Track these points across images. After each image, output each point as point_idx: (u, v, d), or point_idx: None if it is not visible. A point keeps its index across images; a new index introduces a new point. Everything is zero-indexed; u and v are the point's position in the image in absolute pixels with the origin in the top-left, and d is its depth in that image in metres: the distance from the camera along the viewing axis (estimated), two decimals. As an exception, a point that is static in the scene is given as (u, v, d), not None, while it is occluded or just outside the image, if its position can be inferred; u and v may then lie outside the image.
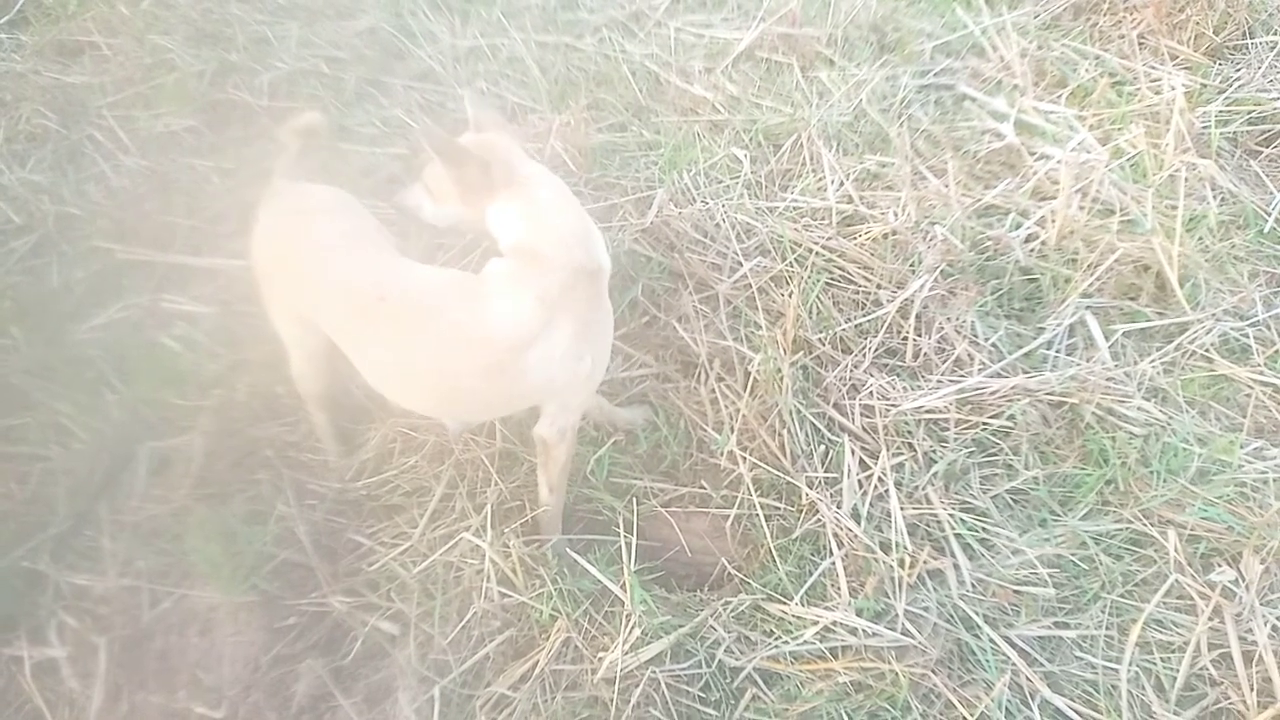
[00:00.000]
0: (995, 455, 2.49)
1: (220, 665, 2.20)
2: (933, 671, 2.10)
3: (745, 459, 2.46)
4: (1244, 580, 2.21)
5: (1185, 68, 3.54)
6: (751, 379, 2.58)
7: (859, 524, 2.32)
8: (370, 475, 2.51)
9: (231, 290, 2.82)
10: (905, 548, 2.28)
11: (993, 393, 2.53)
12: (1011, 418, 2.49)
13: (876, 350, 2.66)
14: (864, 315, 2.74)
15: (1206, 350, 2.69)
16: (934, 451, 2.47)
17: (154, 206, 3.17)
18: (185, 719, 2.14)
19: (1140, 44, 3.61)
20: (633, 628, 2.14)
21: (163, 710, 2.15)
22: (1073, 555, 2.31)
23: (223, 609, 2.28)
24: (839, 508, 2.35)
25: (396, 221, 2.94)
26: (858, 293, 2.81)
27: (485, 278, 2.02)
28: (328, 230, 2.14)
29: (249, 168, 3.13)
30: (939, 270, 2.76)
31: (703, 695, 2.13)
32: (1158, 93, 3.35)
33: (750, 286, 2.79)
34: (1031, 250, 2.89)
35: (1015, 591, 2.25)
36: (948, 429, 2.51)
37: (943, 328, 2.68)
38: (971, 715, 2.04)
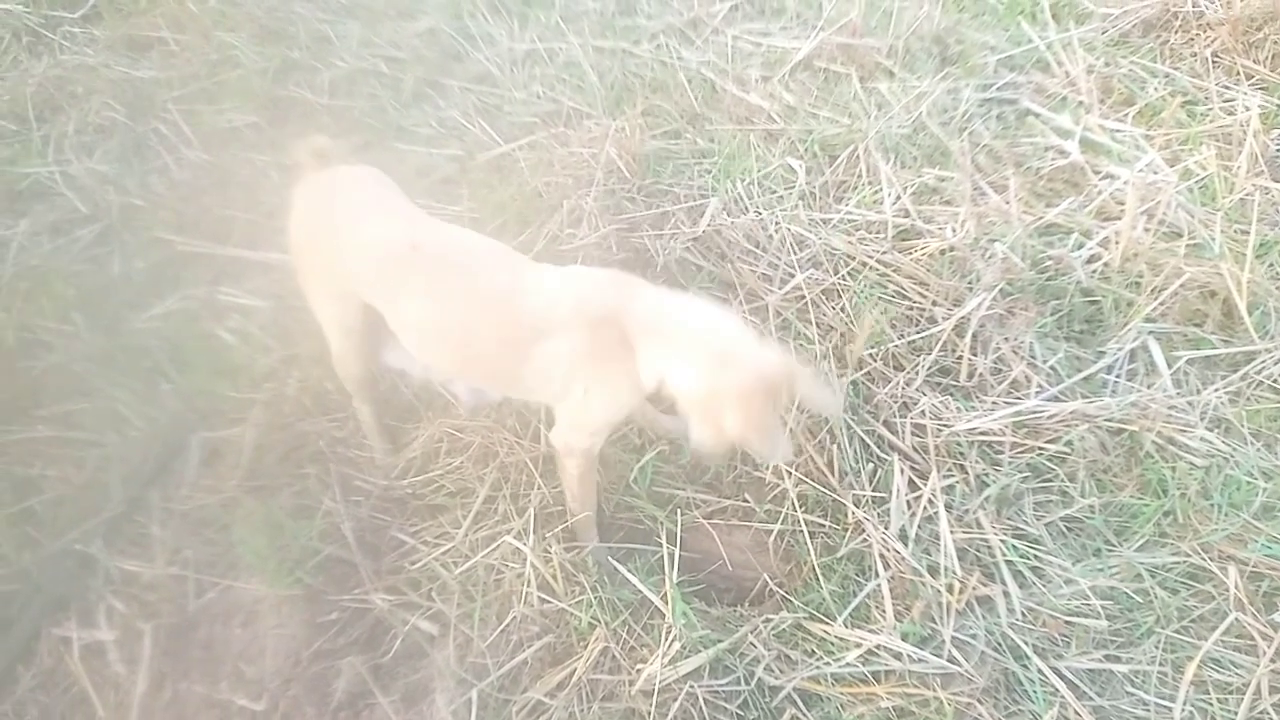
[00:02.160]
0: (1050, 481, 2.43)
1: (262, 658, 2.22)
2: (979, 701, 2.05)
3: (791, 474, 2.42)
4: (1310, 622, 2.13)
5: (1261, 88, 3.43)
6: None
7: (906, 546, 2.27)
8: (416, 474, 2.52)
9: (286, 285, 2.85)
10: (954, 572, 2.23)
11: (1050, 417, 2.47)
12: (1069, 443, 2.43)
13: (930, 368, 2.61)
14: (918, 332, 2.69)
15: (1275, 381, 2.60)
16: (986, 475, 2.42)
17: (214, 200, 3.23)
18: (226, 710, 2.16)
19: (1214, 62, 3.51)
20: (672, 640, 2.11)
21: (205, 700, 2.17)
22: (1127, 587, 2.24)
23: (267, 601, 2.30)
24: (886, 528, 2.30)
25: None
26: (912, 309, 2.76)
27: (540, 266, 2.08)
28: (359, 196, 2.20)
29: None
30: (998, 289, 2.71)
31: (741, 713, 2.09)
32: (1231, 113, 3.25)
33: (802, 299, 2.76)
34: (1094, 272, 2.82)
35: (1066, 622, 2.19)
36: (1002, 452, 2.45)
37: (999, 348, 2.62)
38: (1018, 748, 1.99)
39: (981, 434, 2.47)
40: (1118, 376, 2.62)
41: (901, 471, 2.40)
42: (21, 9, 3.94)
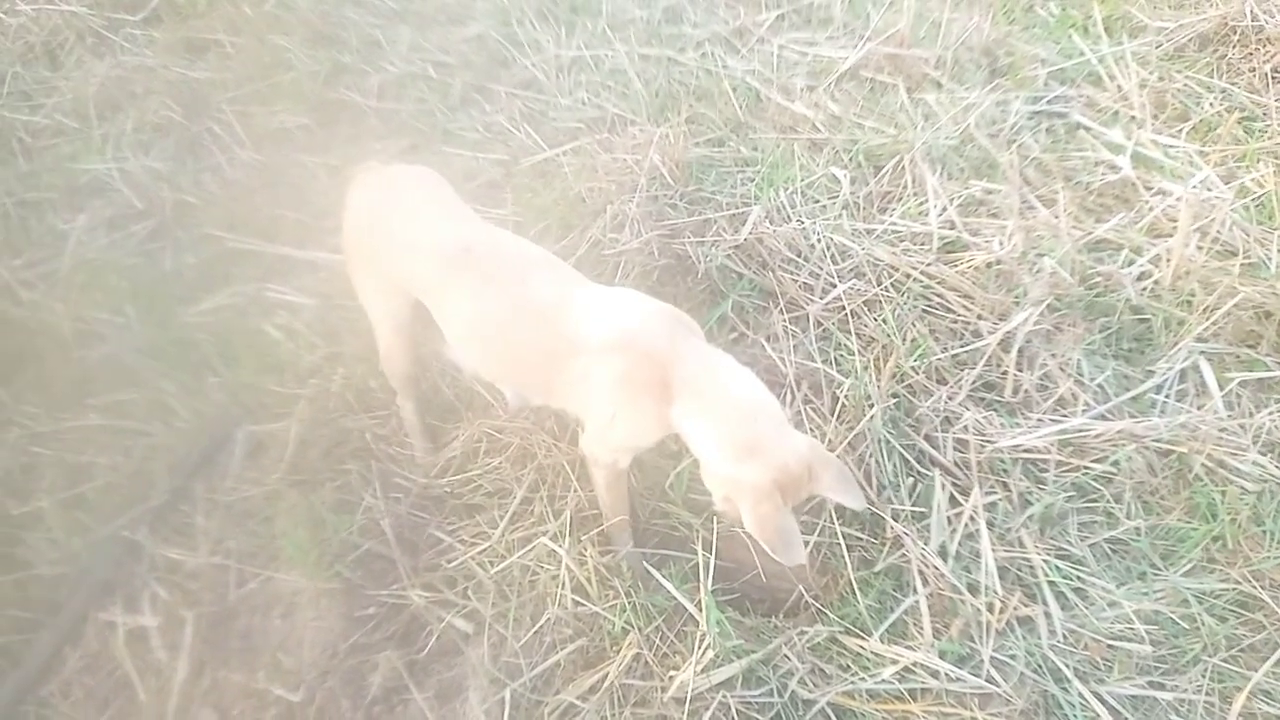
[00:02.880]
0: (1096, 501, 2.38)
1: (300, 649, 2.25)
2: (1016, 723, 2.01)
3: (829, 485, 2.40)
4: (1366, 656, 2.06)
5: (1322, 105, 3.34)
6: (840, 404, 2.52)
7: (946, 562, 2.24)
8: (455, 473, 2.54)
9: (332, 283, 2.90)
10: (995, 591, 2.19)
11: (1096, 435, 2.42)
12: (1115, 463, 2.38)
13: (973, 383, 2.58)
14: (961, 345, 2.66)
15: (1333, 406, 2.53)
16: (1030, 493, 2.38)
17: (264, 199, 3.30)
18: (264, 699, 2.18)
19: (1273, 78, 3.43)
20: (706, 648, 2.10)
21: (243, 689, 2.20)
22: (1173, 613, 2.19)
23: (306, 593, 2.33)
24: (926, 544, 2.27)
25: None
26: (956, 322, 2.73)
27: (589, 284, 2.10)
28: (415, 195, 2.25)
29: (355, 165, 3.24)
30: (1045, 304, 2.66)
31: (773, 725, 2.08)
32: (1291, 130, 3.18)
33: (843, 309, 2.74)
34: (1144, 289, 2.76)
35: (1109, 646, 2.14)
36: (1046, 470, 2.41)
37: (1046, 364, 2.58)
38: (1057, 772, 1.95)
39: (1026, 451, 2.43)
40: (1167, 397, 2.57)
41: (943, 487, 2.37)
42: (86, 11, 4.07)
